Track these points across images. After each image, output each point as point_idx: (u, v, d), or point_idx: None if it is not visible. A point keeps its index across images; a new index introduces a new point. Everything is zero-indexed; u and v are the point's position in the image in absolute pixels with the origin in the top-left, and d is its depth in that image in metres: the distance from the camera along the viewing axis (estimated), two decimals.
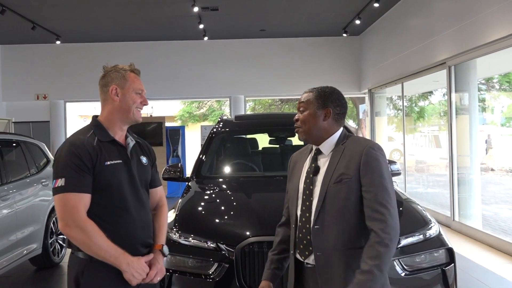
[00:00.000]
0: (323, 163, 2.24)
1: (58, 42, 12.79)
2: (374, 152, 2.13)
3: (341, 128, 2.29)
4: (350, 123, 22.34)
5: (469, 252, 6.48)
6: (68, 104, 14.00)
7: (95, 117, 2.37)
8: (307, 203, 2.21)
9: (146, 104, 2.37)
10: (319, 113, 2.24)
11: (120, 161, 2.27)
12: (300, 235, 2.22)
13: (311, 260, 2.20)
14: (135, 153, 2.37)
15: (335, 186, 2.13)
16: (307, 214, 2.20)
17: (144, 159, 2.41)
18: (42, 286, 5.51)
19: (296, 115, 2.30)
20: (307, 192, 2.22)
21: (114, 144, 2.29)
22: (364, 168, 2.10)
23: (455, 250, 3.28)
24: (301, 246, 2.22)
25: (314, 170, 2.24)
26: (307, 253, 2.20)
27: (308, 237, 2.18)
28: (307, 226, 2.19)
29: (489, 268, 5.81)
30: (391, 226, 2.03)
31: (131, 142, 2.37)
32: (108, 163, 2.21)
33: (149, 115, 13.90)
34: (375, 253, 2.00)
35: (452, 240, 7.04)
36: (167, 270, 3.10)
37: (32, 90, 13.53)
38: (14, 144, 5.86)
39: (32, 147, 6.17)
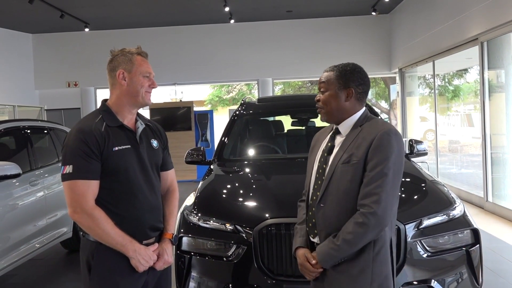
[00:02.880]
0: (338, 143, 2.21)
1: (86, 30, 12.98)
2: (387, 138, 2.08)
3: (364, 108, 2.24)
4: (383, 104, 21.94)
5: (503, 233, 6.29)
6: (98, 90, 14.24)
7: (104, 102, 2.36)
8: (319, 182, 2.20)
9: (154, 87, 2.33)
10: (341, 94, 2.19)
11: (129, 146, 2.26)
12: (310, 213, 2.23)
13: (317, 239, 2.20)
14: (145, 136, 2.36)
15: (343, 166, 2.11)
16: (318, 193, 2.18)
17: (154, 143, 2.40)
18: (73, 269, 5.64)
19: (317, 96, 2.25)
20: (320, 171, 2.21)
21: (123, 129, 2.28)
22: (372, 152, 2.06)
23: (488, 231, 3.18)
24: (310, 225, 2.22)
25: (329, 149, 2.22)
26: (315, 231, 2.19)
27: (315, 215, 2.18)
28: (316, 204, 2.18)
29: None
30: (375, 214, 2.01)
31: (141, 126, 2.35)
32: (116, 148, 2.21)
33: (178, 100, 13.98)
34: (351, 229, 2.04)
35: (485, 221, 6.91)
36: (188, 252, 3.12)
37: (63, 78, 13.83)
38: (45, 131, 5.98)
39: (61, 134, 6.28)
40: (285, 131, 5.59)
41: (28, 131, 5.50)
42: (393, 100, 18.59)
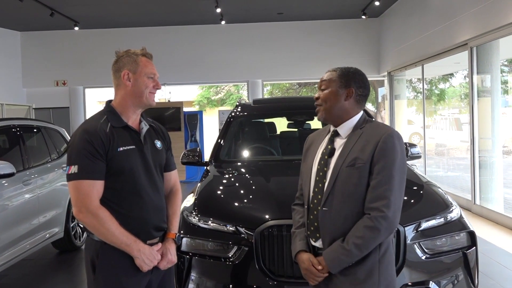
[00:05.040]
0: (339, 145, 2.21)
1: (76, 28, 12.87)
2: (392, 140, 2.09)
3: (362, 112, 2.26)
4: (369, 106, 22.12)
5: (490, 235, 6.42)
6: (87, 90, 14.13)
7: (108, 102, 2.37)
8: (320, 185, 2.19)
9: (158, 88, 2.35)
10: (341, 92, 2.20)
11: (133, 146, 2.27)
12: (311, 216, 2.22)
13: (319, 243, 2.20)
14: (149, 137, 2.38)
15: (348, 169, 2.11)
16: (319, 196, 2.18)
17: (158, 143, 2.42)
18: (64, 269, 5.62)
19: (317, 94, 2.26)
20: (321, 173, 2.20)
21: (127, 129, 2.30)
22: (378, 155, 2.08)
23: (476, 233, 3.24)
24: (312, 228, 2.22)
25: (330, 151, 2.21)
26: (318, 235, 2.19)
27: (319, 219, 2.17)
28: (318, 208, 2.17)
29: (510, 251, 5.75)
30: (387, 217, 2.03)
31: (145, 127, 2.37)
32: (121, 149, 2.22)
33: (167, 101, 13.94)
34: (361, 234, 2.04)
35: (473, 223, 6.96)
36: (187, 253, 3.13)
37: (52, 77, 13.68)
38: (35, 130, 5.94)
39: (53, 133, 6.25)
40: (278, 132, 5.63)
41: (20, 130, 5.46)
42: (379, 102, 18.77)
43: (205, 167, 4.43)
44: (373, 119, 2.33)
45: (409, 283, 2.92)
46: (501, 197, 7.88)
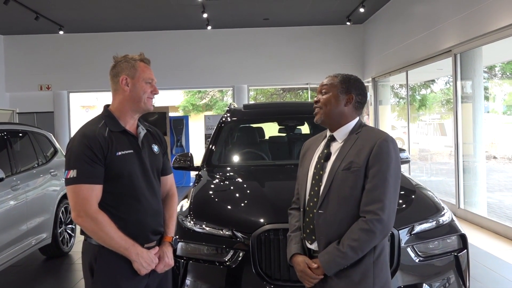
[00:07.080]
0: (335, 149, 2.26)
1: (61, 32, 12.75)
2: (386, 145, 2.14)
3: (358, 118, 2.31)
4: None
5: (475, 239, 6.53)
6: (71, 94, 13.97)
7: (106, 107, 2.38)
8: (316, 188, 2.23)
9: (156, 93, 2.38)
10: (342, 98, 2.26)
11: (131, 151, 2.29)
12: (307, 219, 2.26)
13: (314, 246, 2.24)
14: (146, 142, 2.40)
15: (343, 173, 2.15)
16: (315, 199, 2.22)
17: (155, 148, 2.44)
18: (51, 275, 5.55)
19: (317, 97, 2.31)
20: (317, 177, 2.25)
21: (125, 134, 2.32)
22: (373, 159, 2.12)
23: (467, 236, 3.31)
24: (308, 231, 2.25)
25: (326, 155, 2.26)
26: (313, 237, 2.23)
27: (314, 222, 2.21)
28: (314, 211, 2.21)
29: (494, 254, 5.88)
30: (382, 220, 2.07)
31: (142, 131, 2.39)
32: (120, 153, 2.24)
33: None
34: (356, 237, 2.08)
35: None
36: (182, 257, 3.14)
37: (35, 81, 13.52)
38: (22, 135, 5.88)
39: (40, 137, 6.19)
40: (267, 137, 5.66)
41: (8, 134, 5.40)
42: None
43: (197, 172, 4.44)
44: (368, 125, 2.37)
45: (403, 286, 2.97)
46: (485, 201, 8.02)
